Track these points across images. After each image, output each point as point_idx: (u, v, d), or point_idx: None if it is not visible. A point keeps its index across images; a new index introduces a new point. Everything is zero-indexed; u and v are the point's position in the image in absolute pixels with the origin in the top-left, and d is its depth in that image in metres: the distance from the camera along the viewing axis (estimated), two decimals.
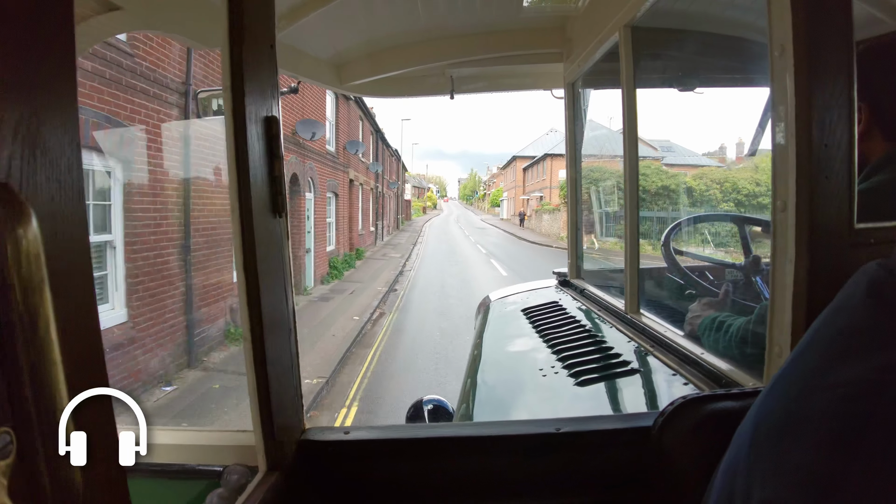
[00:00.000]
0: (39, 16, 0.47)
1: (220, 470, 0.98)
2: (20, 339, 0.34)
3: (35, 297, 0.34)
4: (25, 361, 0.34)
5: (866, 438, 0.43)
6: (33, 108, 0.45)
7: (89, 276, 0.49)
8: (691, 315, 1.56)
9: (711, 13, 2.00)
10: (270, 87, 0.90)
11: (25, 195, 0.36)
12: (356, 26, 2.40)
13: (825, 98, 0.98)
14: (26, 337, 0.34)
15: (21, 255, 0.34)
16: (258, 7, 0.88)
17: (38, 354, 0.34)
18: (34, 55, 0.46)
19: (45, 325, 0.35)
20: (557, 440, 0.96)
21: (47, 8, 0.47)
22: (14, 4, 0.44)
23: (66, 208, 0.46)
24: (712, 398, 0.95)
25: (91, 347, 0.46)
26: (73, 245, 0.46)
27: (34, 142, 0.45)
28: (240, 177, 0.81)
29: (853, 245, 1.00)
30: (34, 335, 0.34)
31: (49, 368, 0.35)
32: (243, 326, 0.84)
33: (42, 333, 0.34)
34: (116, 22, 1.44)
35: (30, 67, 0.45)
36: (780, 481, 0.46)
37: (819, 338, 0.54)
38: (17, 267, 0.34)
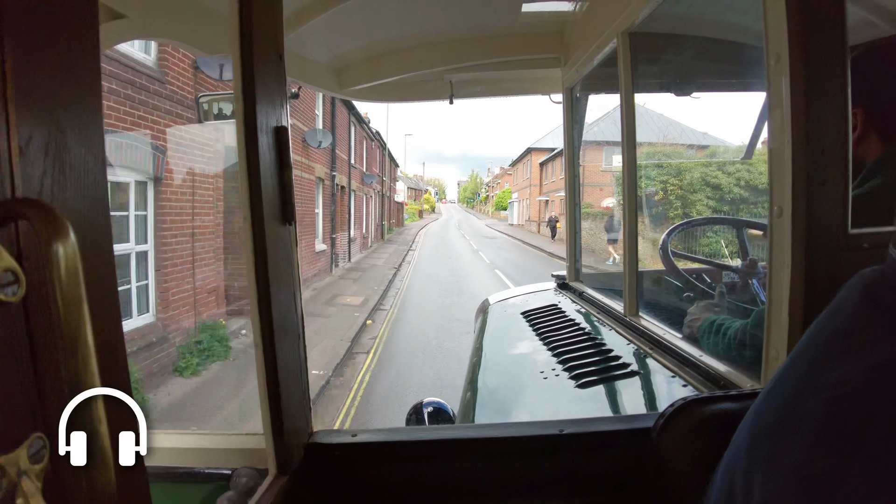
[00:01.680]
0: (64, 35, 0.48)
1: (229, 473, 0.99)
2: (62, 354, 0.36)
3: (76, 312, 0.36)
4: (66, 373, 0.36)
5: (862, 438, 0.45)
6: (60, 125, 0.47)
7: (115, 288, 0.51)
8: (690, 318, 1.58)
9: (708, 18, 2.03)
10: (280, 96, 0.92)
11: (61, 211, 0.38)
12: (355, 32, 2.42)
13: (821, 105, 1.00)
14: (68, 350, 0.36)
15: (62, 272, 0.35)
16: (266, 17, 0.89)
17: (80, 366, 0.36)
18: (60, 73, 0.47)
19: (85, 341, 0.36)
20: (561, 441, 0.98)
21: (72, 27, 0.49)
22: (40, 24, 0.46)
23: (95, 222, 0.48)
24: (711, 400, 0.97)
25: (118, 353, 0.48)
26: (103, 259, 0.47)
27: (63, 158, 0.46)
28: (251, 185, 0.82)
29: (848, 249, 1.02)
30: (76, 348, 0.36)
31: (88, 378, 0.37)
32: (254, 332, 0.86)
33: (83, 346, 0.36)
34: (121, 30, 1.46)
35: (56, 85, 0.47)
36: (779, 482, 0.47)
37: (815, 341, 0.55)
38: (59, 283, 0.35)
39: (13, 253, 0.41)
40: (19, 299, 0.41)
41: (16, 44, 0.42)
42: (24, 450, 0.39)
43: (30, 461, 0.40)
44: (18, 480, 0.39)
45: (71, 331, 0.36)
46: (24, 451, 0.39)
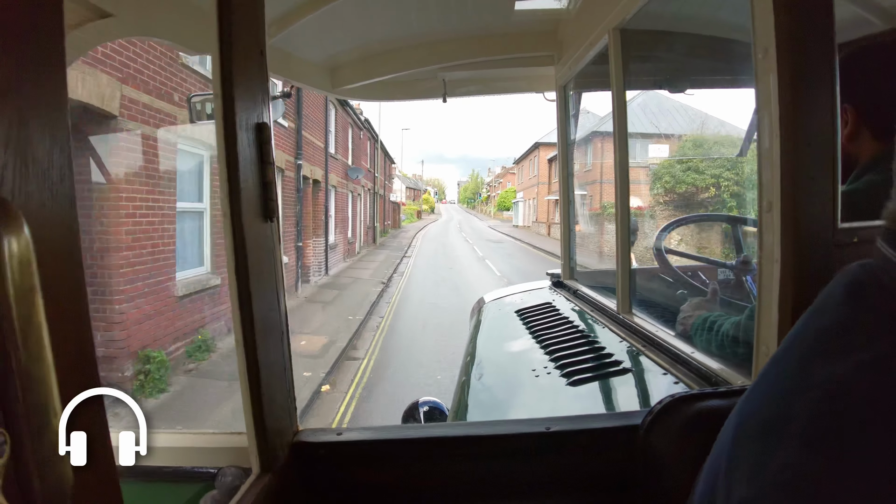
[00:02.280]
0: (29, 24, 0.47)
1: (214, 472, 0.98)
2: (12, 344, 0.35)
3: (27, 303, 0.35)
4: (17, 365, 0.35)
5: (846, 437, 0.44)
6: (23, 117, 0.46)
7: (81, 281, 0.50)
8: (683, 315, 1.58)
9: (700, 15, 2.02)
10: (261, 93, 0.91)
11: (17, 204, 0.37)
12: (348, 31, 2.42)
13: (808, 99, 1.00)
14: (18, 341, 0.35)
15: (13, 263, 0.35)
16: (247, 14, 0.89)
17: (31, 358, 0.35)
18: (23, 63, 0.46)
19: (38, 330, 0.36)
20: (548, 439, 0.97)
21: (37, 17, 0.48)
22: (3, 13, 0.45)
23: (58, 216, 0.47)
24: (700, 397, 0.96)
25: (83, 350, 0.47)
26: (65, 251, 0.46)
27: (25, 152, 0.45)
28: (231, 182, 0.82)
29: (837, 244, 1.02)
30: (26, 340, 0.35)
31: (42, 371, 0.36)
32: (235, 330, 0.85)
33: (34, 338, 0.35)
34: (109, 29, 1.45)
35: (19, 76, 0.46)
36: (762, 482, 0.46)
37: (800, 338, 0.54)
38: (10, 274, 0.35)
39: None
40: None
41: None
42: None
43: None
44: None
45: (22, 324, 0.35)
46: None
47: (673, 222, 2.19)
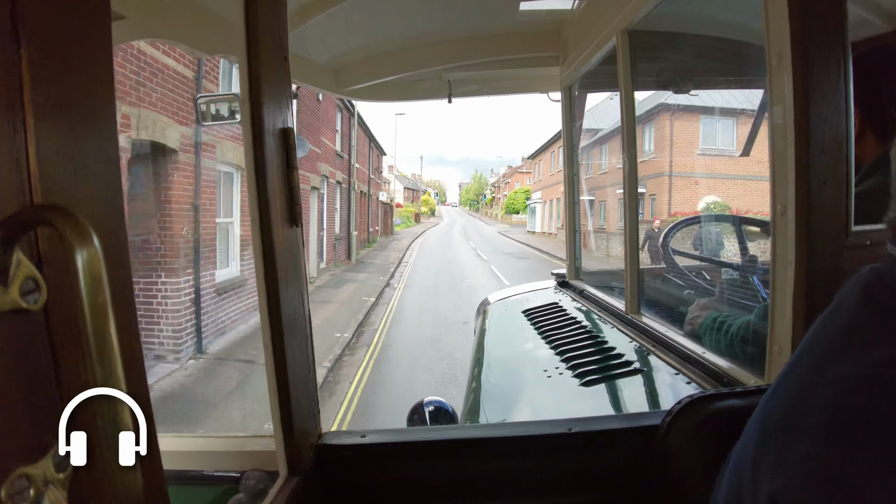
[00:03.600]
0: (78, 39, 0.48)
1: (238, 476, 0.99)
2: (89, 359, 0.36)
3: (101, 318, 0.36)
4: (94, 380, 0.36)
5: (868, 430, 0.46)
6: (76, 130, 0.46)
7: (132, 293, 0.51)
8: (691, 315, 1.59)
9: (707, 16, 2.04)
10: (285, 97, 0.92)
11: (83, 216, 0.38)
12: (354, 32, 2.42)
13: (822, 105, 1.01)
14: (94, 357, 0.36)
15: (87, 278, 0.35)
16: (272, 20, 0.89)
17: (106, 373, 0.36)
18: (75, 79, 0.47)
19: (111, 344, 0.36)
20: (569, 440, 0.98)
21: (86, 32, 0.49)
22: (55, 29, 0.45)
23: (112, 227, 0.48)
24: (717, 397, 0.98)
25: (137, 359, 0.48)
26: (120, 263, 0.47)
27: (78, 162, 0.46)
28: (259, 187, 0.82)
29: (850, 247, 1.03)
30: (102, 354, 0.36)
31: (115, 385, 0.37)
32: (263, 333, 0.86)
33: (108, 352, 0.36)
34: (121, 31, 1.45)
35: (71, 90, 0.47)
36: (787, 473, 0.48)
37: (819, 337, 0.57)
38: (84, 289, 0.35)
39: (33, 260, 0.41)
40: (40, 307, 0.41)
41: (33, 50, 0.42)
42: (49, 459, 0.39)
43: (55, 470, 0.40)
44: (45, 490, 0.39)
45: (98, 339, 0.36)
46: (49, 461, 0.39)
47: (680, 222, 2.21)
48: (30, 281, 0.39)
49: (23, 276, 0.39)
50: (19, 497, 0.37)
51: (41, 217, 0.38)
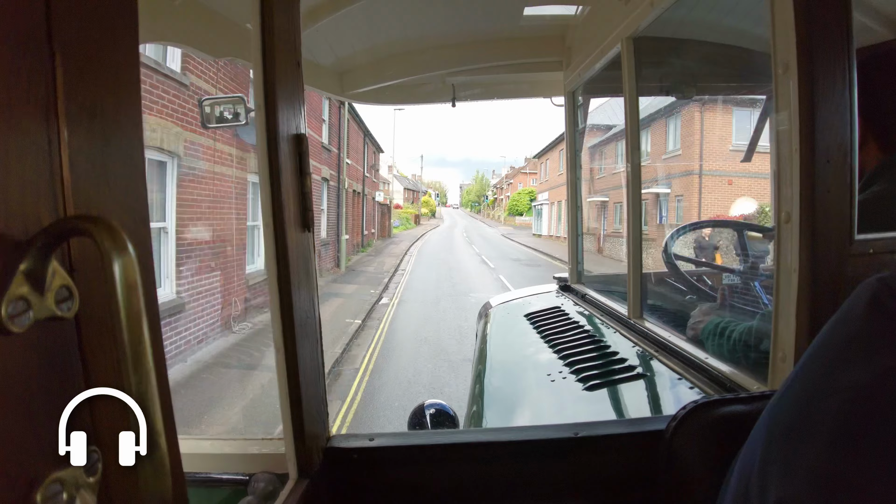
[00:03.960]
0: (109, 50, 0.49)
1: (246, 478, 0.99)
2: (125, 367, 0.36)
3: (137, 328, 0.36)
4: (129, 386, 0.37)
5: (873, 437, 0.47)
6: (107, 139, 0.47)
7: (156, 301, 0.52)
8: (693, 321, 1.60)
9: (711, 22, 2.05)
10: (298, 103, 0.93)
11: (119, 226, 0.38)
12: (359, 35, 2.43)
13: (827, 113, 1.02)
14: (130, 364, 0.36)
15: (124, 286, 0.36)
16: (286, 27, 0.90)
17: (141, 380, 0.37)
18: (105, 88, 0.48)
19: (146, 352, 0.37)
20: (576, 444, 0.99)
21: (116, 42, 0.50)
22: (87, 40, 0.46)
23: (139, 235, 0.49)
24: (722, 402, 0.98)
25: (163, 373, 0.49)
26: (146, 271, 0.48)
27: (108, 172, 0.47)
28: (273, 192, 0.83)
29: (853, 255, 1.04)
30: (138, 362, 0.36)
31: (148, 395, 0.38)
32: (275, 336, 0.86)
33: (143, 360, 0.37)
34: None
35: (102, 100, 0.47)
36: (794, 480, 0.49)
37: (825, 346, 0.58)
38: (121, 297, 0.36)
39: (66, 268, 0.42)
40: (73, 314, 0.41)
41: (66, 60, 0.43)
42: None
43: (85, 474, 0.40)
44: (76, 494, 0.39)
45: (133, 345, 0.36)
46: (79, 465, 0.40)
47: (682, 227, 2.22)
48: (64, 289, 0.40)
49: (58, 285, 0.40)
50: (52, 501, 0.38)
51: (78, 227, 0.39)
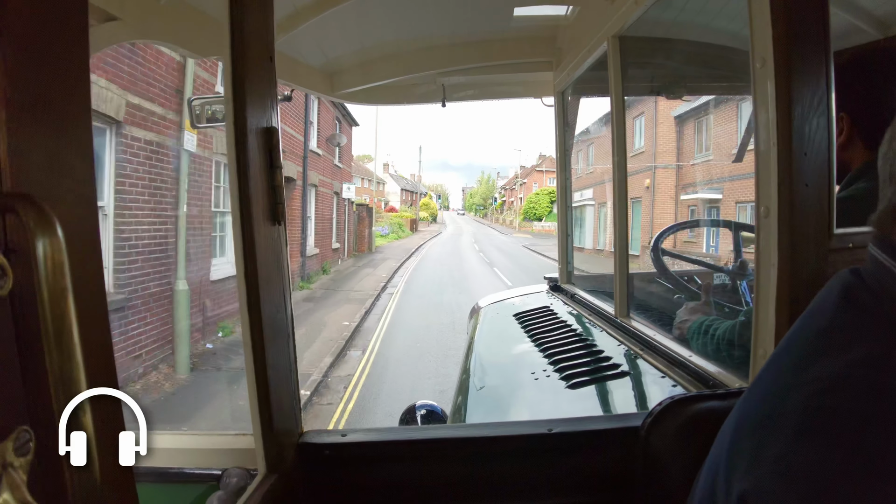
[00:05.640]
0: (57, 37, 0.49)
1: (219, 473, 0.99)
2: (46, 345, 0.36)
3: (61, 304, 0.36)
4: (51, 366, 0.36)
5: (839, 429, 0.46)
6: (52, 123, 0.47)
7: (102, 286, 0.51)
8: (679, 319, 1.60)
9: (698, 23, 2.05)
10: (270, 98, 0.93)
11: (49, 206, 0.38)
12: (348, 35, 2.43)
13: (805, 108, 1.02)
14: (52, 342, 0.36)
15: (48, 265, 0.36)
16: (259, 21, 0.90)
17: (64, 359, 0.36)
18: (52, 75, 0.48)
19: (70, 331, 0.37)
20: (550, 440, 0.98)
21: (64, 30, 0.50)
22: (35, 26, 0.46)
23: (83, 218, 0.48)
24: (698, 398, 0.98)
25: (105, 349, 0.48)
26: (89, 252, 0.48)
27: (52, 155, 0.47)
28: (241, 186, 0.83)
29: (833, 249, 1.04)
30: (60, 340, 0.36)
31: (73, 372, 0.37)
32: (243, 332, 0.86)
33: (67, 339, 0.36)
34: (114, 32, 1.46)
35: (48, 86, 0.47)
36: (759, 472, 0.48)
37: (796, 339, 0.57)
38: (46, 275, 0.36)
39: (1, 247, 0.41)
40: (6, 293, 0.41)
41: (13, 45, 0.43)
42: (9, 442, 0.39)
43: (15, 454, 0.40)
44: (3, 472, 0.39)
45: (56, 324, 0.36)
46: (9, 444, 0.39)
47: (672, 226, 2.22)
48: None
49: None
50: None
51: (7, 204, 0.39)
